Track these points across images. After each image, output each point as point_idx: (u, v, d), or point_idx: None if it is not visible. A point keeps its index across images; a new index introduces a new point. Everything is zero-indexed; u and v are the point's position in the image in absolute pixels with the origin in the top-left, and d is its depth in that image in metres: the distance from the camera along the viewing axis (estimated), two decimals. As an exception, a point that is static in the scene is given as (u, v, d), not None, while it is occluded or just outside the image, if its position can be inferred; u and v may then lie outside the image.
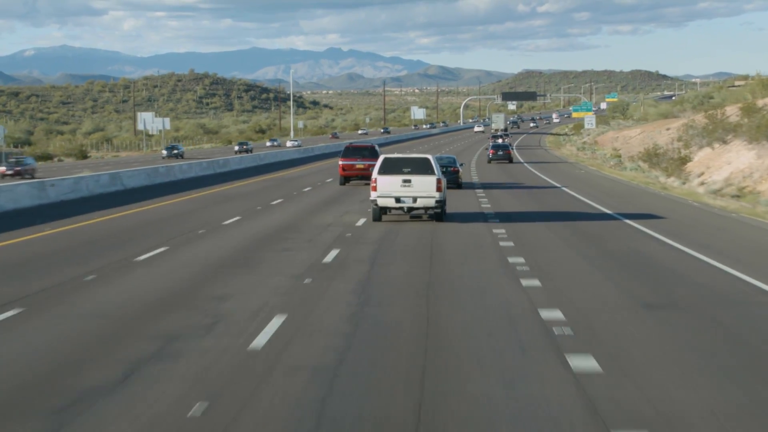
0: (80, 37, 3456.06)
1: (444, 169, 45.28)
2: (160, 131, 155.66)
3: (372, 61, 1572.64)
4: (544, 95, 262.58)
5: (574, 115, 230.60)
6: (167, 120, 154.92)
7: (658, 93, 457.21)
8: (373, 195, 32.56)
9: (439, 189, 32.55)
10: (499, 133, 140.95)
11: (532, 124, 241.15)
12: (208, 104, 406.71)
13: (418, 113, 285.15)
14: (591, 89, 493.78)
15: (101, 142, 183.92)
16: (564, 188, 53.82)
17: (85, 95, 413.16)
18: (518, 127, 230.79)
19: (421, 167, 32.77)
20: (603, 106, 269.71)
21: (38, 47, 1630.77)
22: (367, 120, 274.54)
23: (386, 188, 32.29)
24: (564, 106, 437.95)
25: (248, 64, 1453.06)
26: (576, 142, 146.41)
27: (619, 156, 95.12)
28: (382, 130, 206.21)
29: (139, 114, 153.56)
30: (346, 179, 54.38)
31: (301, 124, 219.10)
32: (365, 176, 50.81)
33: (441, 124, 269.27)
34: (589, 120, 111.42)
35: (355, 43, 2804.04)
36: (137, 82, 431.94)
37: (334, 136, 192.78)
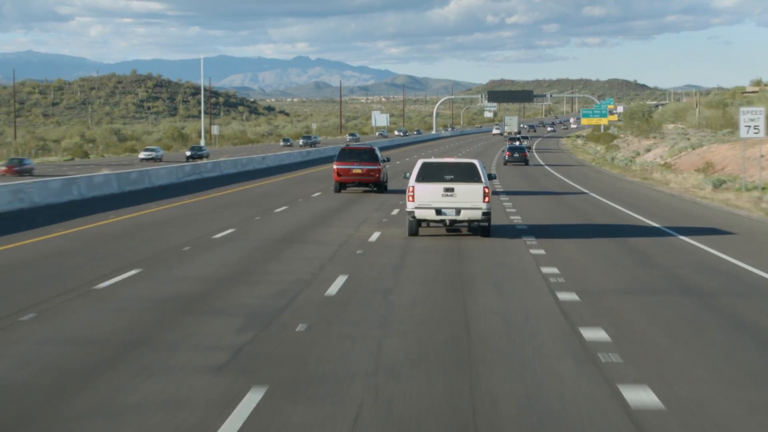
0: (46, 43, 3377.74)
1: None
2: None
3: (340, 70, 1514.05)
4: (544, 95, 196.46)
5: (584, 121, 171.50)
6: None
7: (640, 102, 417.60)
8: (410, 206, 27.74)
9: (486, 199, 27.50)
10: (517, 136, 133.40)
11: (549, 129, 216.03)
12: (149, 108, 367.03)
13: (380, 119, 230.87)
14: (572, 98, 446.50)
15: None
16: None
17: (11, 98, 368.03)
18: (535, 131, 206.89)
19: (466, 174, 27.63)
20: (620, 109, 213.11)
21: (3, 52, 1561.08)
22: (313, 126, 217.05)
23: (425, 198, 27.48)
24: (546, 114, 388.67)
25: (215, 72, 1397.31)
26: (632, 159, 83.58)
27: None
28: (396, 132, 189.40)
29: None
30: (341, 186, 47.61)
31: (216, 130, 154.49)
32: (363, 182, 47.65)
33: (415, 132, 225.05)
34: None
35: (323, 52, 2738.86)
36: (72, 84, 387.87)
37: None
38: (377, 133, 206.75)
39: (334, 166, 48.15)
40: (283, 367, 11.76)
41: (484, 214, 27.58)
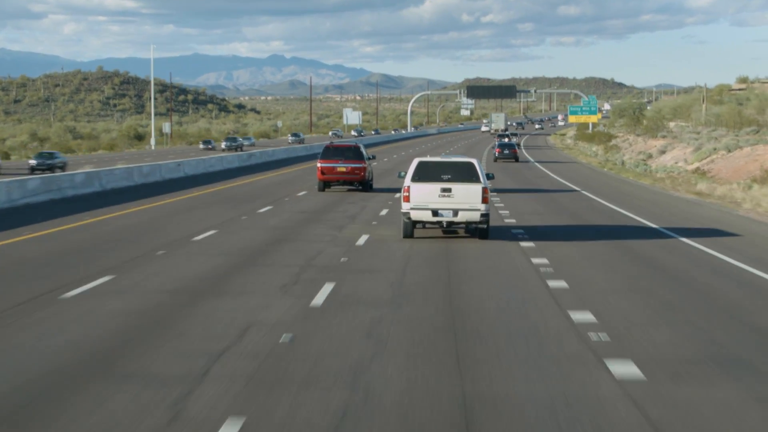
0: (19, 41, 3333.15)
1: None
2: None
3: (315, 68, 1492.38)
4: (528, 91, 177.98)
5: (572, 119, 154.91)
6: None
7: (618, 100, 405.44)
8: (405, 207, 25.77)
9: (485, 200, 25.53)
10: (506, 133, 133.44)
11: (537, 126, 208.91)
12: (115, 106, 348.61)
13: (352, 117, 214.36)
14: (550, 96, 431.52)
15: None
16: None
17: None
18: (523, 128, 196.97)
19: (464, 173, 25.78)
20: (606, 107, 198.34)
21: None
22: (279, 124, 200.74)
23: (421, 199, 25.55)
24: (524, 113, 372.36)
25: (190, 70, 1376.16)
26: (644, 162, 67.27)
27: None
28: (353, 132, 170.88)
29: None
30: (325, 184, 45.48)
31: (167, 128, 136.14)
32: (348, 181, 45.69)
33: (372, 132, 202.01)
34: None
35: (298, 51, 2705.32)
36: (36, 81, 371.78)
37: None
38: (330, 133, 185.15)
39: (318, 164, 45.93)
40: None
41: (482, 215, 25.54)
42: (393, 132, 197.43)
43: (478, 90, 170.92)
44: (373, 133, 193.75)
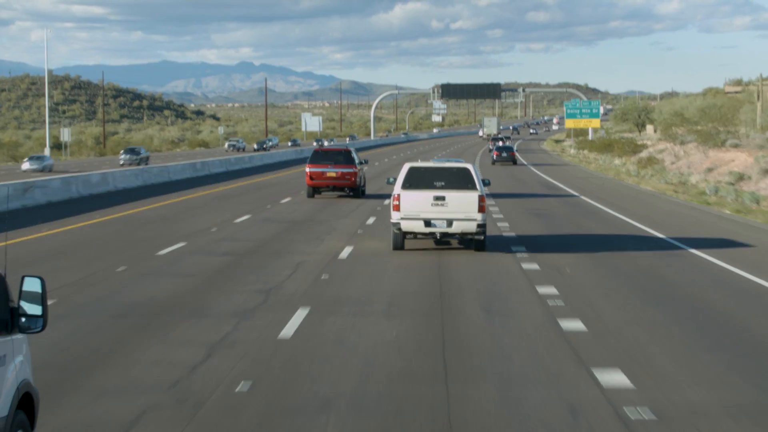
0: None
1: None
2: None
3: (284, 75, 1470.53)
4: (515, 90, 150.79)
5: (569, 123, 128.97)
6: None
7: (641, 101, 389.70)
8: (395, 216, 24.27)
9: (481, 209, 23.88)
10: (499, 137, 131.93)
11: (531, 131, 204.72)
12: (65, 112, 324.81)
13: (311, 123, 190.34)
14: (527, 99, 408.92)
15: None
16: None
17: None
18: (518, 133, 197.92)
19: (459, 180, 24.21)
20: (602, 110, 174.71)
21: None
22: (221, 131, 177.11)
23: (413, 208, 24.10)
24: (501, 116, 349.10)
25: (158, 77, 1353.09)
26: (738, 190, 37.94)
27: None
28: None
29: None
30: (314, 190, 44.24)
31: (66, 135, 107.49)
32: (338, 186, 44.18)
33: (289, 144, 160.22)
34: None
35: (267, 58, 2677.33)
36: None
37: None
38: (227, 145, 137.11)
39: (307, 169, 44.00)
40: None
41: (479, 226, 23.87)
42: (315, 143, 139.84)
43: (455, 89, 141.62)
44: (289, 144, 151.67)
